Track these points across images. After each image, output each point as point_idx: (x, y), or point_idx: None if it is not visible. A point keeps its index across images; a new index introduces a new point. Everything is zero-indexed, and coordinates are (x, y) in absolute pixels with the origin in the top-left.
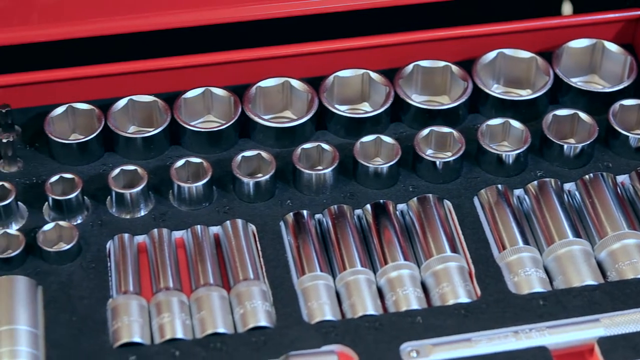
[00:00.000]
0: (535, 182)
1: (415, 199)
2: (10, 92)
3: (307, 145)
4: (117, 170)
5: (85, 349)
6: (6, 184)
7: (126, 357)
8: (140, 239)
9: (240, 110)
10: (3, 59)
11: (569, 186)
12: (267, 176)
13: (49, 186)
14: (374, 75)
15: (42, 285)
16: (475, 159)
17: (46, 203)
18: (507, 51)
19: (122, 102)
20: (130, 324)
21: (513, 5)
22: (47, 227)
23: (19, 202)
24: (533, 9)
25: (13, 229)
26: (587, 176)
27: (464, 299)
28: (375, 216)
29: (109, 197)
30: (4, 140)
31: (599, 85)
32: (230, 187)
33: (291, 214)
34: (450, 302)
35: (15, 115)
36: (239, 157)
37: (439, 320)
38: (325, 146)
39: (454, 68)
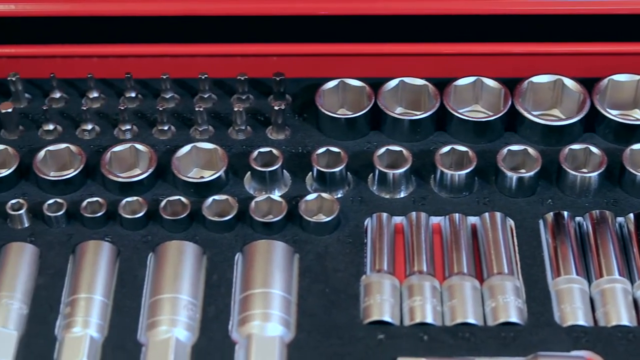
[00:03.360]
0: None
1: None
2: (284, 61)
3: (575, 146)
4: (382, 150)
5: (335, 321)
6: (274, 151)
7: (375, 334)
8: (397, 219)
9: (510, 103)
10: (279, 28)
11: None
12: (532, 172)
13: (315, 157)
14: None
15: (299, 254)
16: None
17: (310, 173)
18: None
19: (392, 83)
20: (381, 302)
21: None
22: (309, 197)
23: (284, 170)
24: None
25: (276, 195)
26: None
27: None
28: (638, 226)
29: (371, 175)
30: (276, 108)
31: None
32: (492, 179)
33: (551, 213)
34: None
35: (288, 85)
36: (505, 150)
37: None
38: (594, 149)
39: None
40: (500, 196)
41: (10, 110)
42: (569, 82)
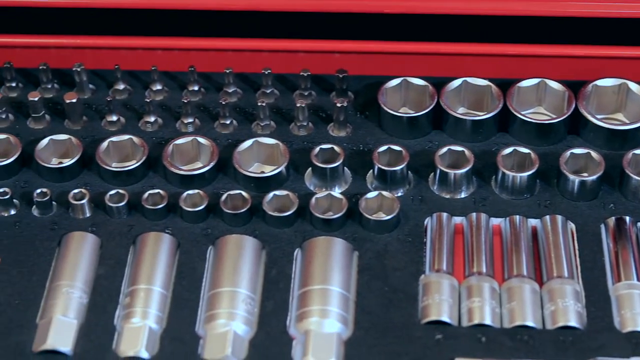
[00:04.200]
0: None
1: None
2: (347, 58)
3: (639, 151)
4: (444, 149)
5: (393, 320)
6: (336, 148)
7: (433, 334)
8: (457, 220)
9: (573, 106)
10: (343, 26)
11: None
12: (595, 176)
13: (377, 155)
14: None
15: (358, 252)
16: None
17: (371, 171)
18: None
19: (456, 83)
20: (440, 302)
21: None
22: (370, 195)
23: (345, 167)
24: None
25: (337, 192)
26: None
27: None
28: None
29: (432, 174)
30: (338, 105)
31: None
32: (553, 182)
33: (613, 218)
34: None
35: (350, 82)
36: (568, 153)
37: None
38: None
39: None
40: (562, 199)
41: (74, 100)
42: (634, 87)
